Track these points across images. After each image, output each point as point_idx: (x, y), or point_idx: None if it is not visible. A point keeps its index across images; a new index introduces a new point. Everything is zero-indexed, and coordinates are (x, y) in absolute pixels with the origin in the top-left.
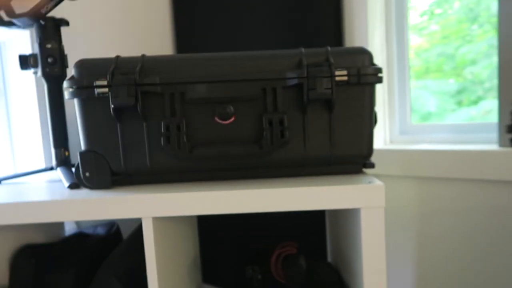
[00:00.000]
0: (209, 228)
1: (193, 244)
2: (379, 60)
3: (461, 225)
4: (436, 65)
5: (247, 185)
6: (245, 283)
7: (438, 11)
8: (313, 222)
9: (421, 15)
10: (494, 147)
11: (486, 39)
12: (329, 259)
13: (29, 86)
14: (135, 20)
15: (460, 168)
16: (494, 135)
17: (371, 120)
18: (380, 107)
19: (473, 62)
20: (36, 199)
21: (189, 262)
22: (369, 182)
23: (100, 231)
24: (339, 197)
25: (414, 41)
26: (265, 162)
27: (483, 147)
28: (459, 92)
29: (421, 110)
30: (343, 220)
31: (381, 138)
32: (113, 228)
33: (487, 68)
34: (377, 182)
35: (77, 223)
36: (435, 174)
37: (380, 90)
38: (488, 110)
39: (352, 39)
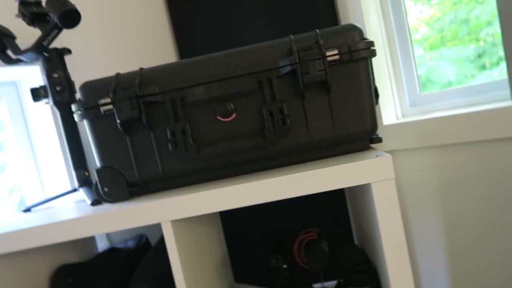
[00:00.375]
0: (235, 227)
1: (220, 244)
2: (378, 35)
3: (485, 187)
4: (451, 33)
5: (257, 176)
6: (273, 275)
7: None
8: (335, 207)
9: None
10: (509, 103)
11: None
12: (356, 241)
13: (46, 116)
14: (135, 35)
15: (476, 130)
16: (507, 92)
17: (371, 95)
18: (387, 82)
19: (489, 23)
20: (64, 219)
21: (218, 263)
22: (376, 156)
23: (130, 244)
24: (348, 175)
25: (425, 12)
26: (271, 153)
27: (496, 106)
28: (479, 56)
29: (441, 80)
30: (360, 199)
31: (392, 113)
32: (142, 239)
33: (500, 31)
34: (384, 155)
35: (109, 239)
36: (451, 140)
37: (384, 65)
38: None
39: (347, 19)
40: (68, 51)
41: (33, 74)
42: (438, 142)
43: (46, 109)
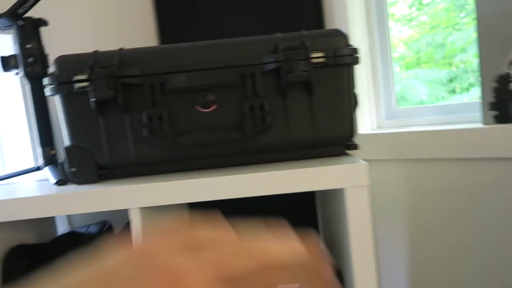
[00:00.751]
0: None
1: None
2: (360, 46)
3: (451, 204)
4: (427, 55)
5: (231, 171)
6: None
7: (426, 1)
8: (303, 208)
9: (410, 7)
10: (479, 125)
11: (474, 26)
12: (321, 237)
13: (13, 87)
14: (115, 13)
15: (447, 147)
16: (478, 114)
17: (351, 101)
18: (365, 93)
19: (463, 50)
20: (24, 196)
21: None
22: (352, 162)
23: (93, 229)
24: (323, 178)
25: (404, 32)
26: (248, 148)
27: (468, 126)
28: (451, 80)
29: (413, 99)
30: (331, 204)
31: (368, 124)
32: (105, 226)
33: (477, 56)
34: (360, 161)
35: (70, 223)
36: (422, 155)
37: (364, 76)
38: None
39: (333, 26)
40: (44, 22)
41: (3, 42)
42: (410, 156)
43: (14, 79)
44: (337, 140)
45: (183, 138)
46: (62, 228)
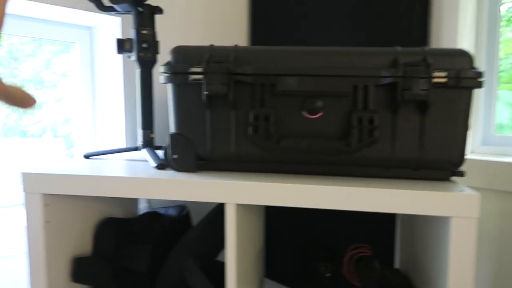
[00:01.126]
0: (273, 221)
1: (260, 236)
2: None
3: None
4: (509, 75)
5: (330, 181)
6: (309, 279)
7: None
8: (382, 224)
9: None
10: None
11: None
12: (397, 264)
13: (114, 69)
14: (213, 9)
15: None
16: None
17: (466, 126)
18: None
19: None
20: (125, 175)
21: (256, 254)
22: (462, 191)
23: (172, 212)
24: (429, 203)
25: None
26: (350, 160)
27: None
28: None
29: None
30: (421, 226)
31: None
32: (184, 210)
33: None
34: (471, 191)
35: (149, 202)
36: None
37: None
38: None
39: (439, 43)
40: (160, 10)
41: (110, 24)
42: (505, 188)
43: (116, 62)
44: (445, 164)
45: (287, 142)
46: (142, 205)
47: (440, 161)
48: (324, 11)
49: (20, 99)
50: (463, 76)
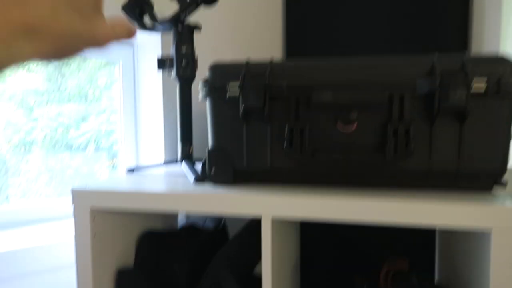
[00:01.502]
0: (310, 232)
1: (296, 248)
2: None
3: None
4: None
5: (368, 194)
6: None
7: None
8: (421, 237)
9: None
10: None
11: None
12: (437, 277)
13: (155, 85)
14: (247, 22)
15: None
16: None
17: (508, 135)
18: None
19: None
20: (166, 190)
21: (292, 267)
22: (503, 203)
23: (209, 224)
24: (469, 217)
25: None
26: (386, 172)
27: None
28: None
29: None
30: (461, 239)
31: None
32: (221, 223)
33: None
34: None
35: (187, 215)
36: None
37: None
38: None
39: (480, 47)
40: (198, 28)
41: (151, 41)
42: None
43: (156, 78)
44: (486, 175)
45: (322, 154)
46: (180, 216)
47: (481, 172)
48: (361, 16)
49: (126, 30)
50: (504, 84)
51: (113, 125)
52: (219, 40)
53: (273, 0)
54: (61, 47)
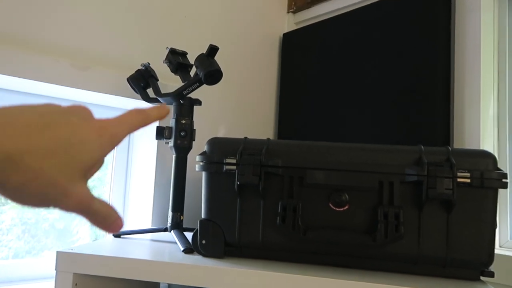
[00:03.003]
0: None
1: None
2: None
3: None
4: None
5: (356, 275)
6: None
7: None
8: None
9: None
10: None
11: None
12: None
13: (148, 152)
14: (245, 101)
15: None
16: None
17: (493, 226)
18: None
19: None
20: (153, 258)
21: None
22: None
23: None
24: None
25: None
26: (376, 254)
27: None
28: None
29: None
30: None
31: None
32: None
33: None
34: None
35: (170, 284)
36: None
37: None
38: None
39: (462, 142)
40: (199, 102)
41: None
42: None
43: (151, 145)
44: (473, 264)
45: (314, 233)
46: (162, 285)
47: (468, 260)
48: (347, 107)
49: (103, 218)
50: (487, 177)
51: (95, 181)
52: (217, 115)
53: (269, 85)
54: (31, 187)
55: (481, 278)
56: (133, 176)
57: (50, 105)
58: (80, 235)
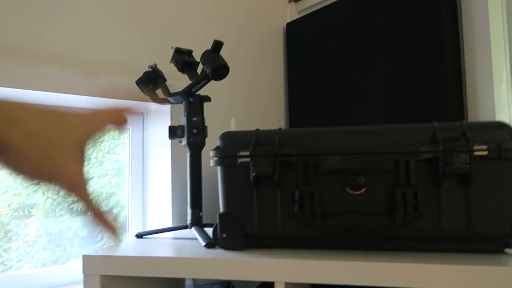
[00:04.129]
0: None
1: None
2: None
3: None
4: None
5: (378, 257)
6: None
7: None
8: None
9: None
10: None
11: None
12: None
13: (164, 152)
14: (254, 96)
15: None
16: None
17: None
18: None
19: None
20: (177, 255)
21: None
22: None
23: None
24: (483, 279)
25: None
26: (396, 235)
27: None
28: None
29: None
30: None
31: None
32: (229, 287)
33: None
34: None
35: (194, 279)
36: None
37: None
38: None
39: (477, 116)
40: (208, 99)
41: (161, 110)
42: None
43: (165, 144)
44: (496, 236)
45: (332, 219)
46: (188, 281)
47: (490, 234)
48: (356, 89)
49: (97, 204)
50: (505, 148)
51: (114, 188)
52: (227, 109)
53: (277, 76)
54: (30, 154)
55: (506, 250)
56: (150, 178)
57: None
58: (104, 241)
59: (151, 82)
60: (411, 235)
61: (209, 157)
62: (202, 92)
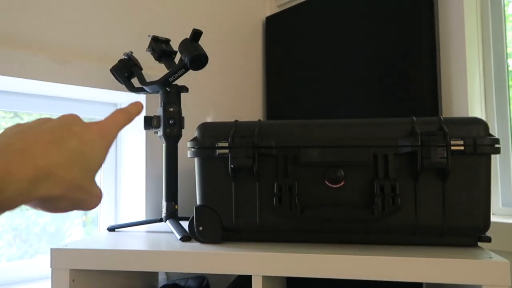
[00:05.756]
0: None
1: None
2: None
3: None
4: None
5: (356, 250)
6: None
7: None
8: None
9: None
10: None
11: None
12: None
13: (138, 143)
14: (233, 86)
15: None
16: None
17: (488, 191)
18: None
19: None
20: (150, 249)
21: None
22: (490, 258)
23: (192, 284)
24: (457, 272)
25: None
26: (374, 228)
27: None
28: None
29: None
30: None
31: None
32: (204, 281)
33: None
34: (500, 258)
35: (168, 274)
36: None
37: None
38: None
39: (450, 112)
40: (186, 89)
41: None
42: None
43: (138, 136)
44: (470, 230)
45: (311, 212)
46: (161, 277)
47: (465, 227)
48: (335, 82)
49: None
50: (480, 143)
51: None
52: (205, 100)
53: (255, 68)
54: (67, 195)
55: (479, 244)
56: (123, 169)
57: (49, 120)
58: (73, 237)
59: (126, 71)
60: (389, 228)
61: (185, 149)
62: (179, 82)
